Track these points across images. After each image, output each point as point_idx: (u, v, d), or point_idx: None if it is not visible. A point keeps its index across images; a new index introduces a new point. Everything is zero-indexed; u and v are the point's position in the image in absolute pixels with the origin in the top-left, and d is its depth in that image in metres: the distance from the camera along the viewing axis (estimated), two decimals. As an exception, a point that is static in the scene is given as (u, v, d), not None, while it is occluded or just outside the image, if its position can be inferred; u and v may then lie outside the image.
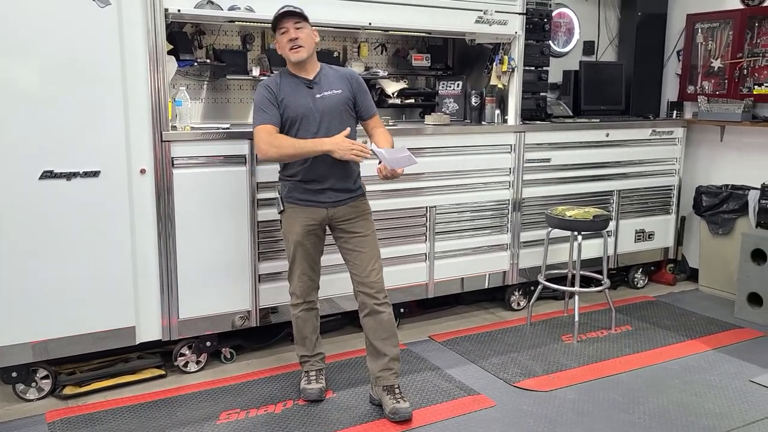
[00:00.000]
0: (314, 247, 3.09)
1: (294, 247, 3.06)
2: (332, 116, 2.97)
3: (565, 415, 3.08)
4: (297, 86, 2.98)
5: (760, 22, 4.61)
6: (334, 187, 3.00)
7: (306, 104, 2.95)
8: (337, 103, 2.99)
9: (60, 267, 3.06)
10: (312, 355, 3.25)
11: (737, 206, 4.68)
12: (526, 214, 4.38)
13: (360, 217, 3.07)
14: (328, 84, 3.01)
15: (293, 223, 3.04)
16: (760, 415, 3.10)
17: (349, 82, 3.05)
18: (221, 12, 3.31)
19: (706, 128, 5.03)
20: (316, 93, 2.98)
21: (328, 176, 2.98)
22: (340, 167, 2.97)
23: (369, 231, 3.08)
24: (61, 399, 3.17)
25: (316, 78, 3.01)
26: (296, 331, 3.20)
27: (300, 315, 3.16)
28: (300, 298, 3.14)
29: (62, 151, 2.99)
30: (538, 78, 4.41)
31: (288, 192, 3.05)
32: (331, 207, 3.02)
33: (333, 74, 3.06)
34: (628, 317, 4.37)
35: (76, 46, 2.96)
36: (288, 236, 3.09)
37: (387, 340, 3.05)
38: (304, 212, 3.02)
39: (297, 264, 3.09)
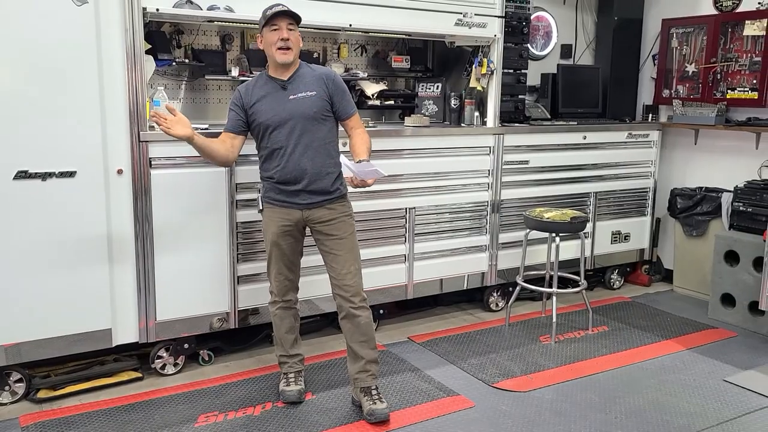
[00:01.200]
0: (290, 248, 3.08)
1: (270, 246, 3.07)
2: (305, 118, 2.95)
3: (543, 415, 3.11)
4: (271, 89, 2.98)
5: (733, 28, 4.69)
6: (307, 188, 2.98)
7: (277, 107, 2.95)
8: (310, 105, 2.96)
9: (34, 268, 3.01)
10: (289, 355, 3.24)
11: (711, 208, 4.75)
12: (504, 216, 4.41)
13: (337, 220, 3.04)
14: (303, 85, 2.98)
15: (270, 223, 3.06)
16: (733, 413, 3.16)
17: (325, 82, 3.02)
18: (200, 12, 3.28)
19: (681, 131, 5.10)
20: (290, 94, 2.97)
21: (300, 177, 2.96)
22: (312, 167, 2.96)
23: (346, 233, 3.06)
24: (35, 403, 3.12)
25: (291, 78, 2.99)
26: (274, 329, 3.22)
27: (277, 313, 3.17)
28: (277, 296, 3.15)
29: (37, 151, 2.94)
30: (517, 81, 4.44)
31: (266, 192, 3.07)
32: (306, 209, 3.01)
33: (309, 74, 3.03)
34: (605, 318, 4.42)
35: (52, 45, 2.91)
36: (265, 236, 3.10)
37: (364, 342, 3.05)
38: (279, 213, 3.03)
39: (273, 263, 3.10)
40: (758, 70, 4.53)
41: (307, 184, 2.97)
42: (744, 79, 4.63)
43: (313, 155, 2.97)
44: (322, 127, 2.99)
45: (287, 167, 2.95)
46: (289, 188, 2.99)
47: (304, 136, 2.95)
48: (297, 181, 2.96)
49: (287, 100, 2.95)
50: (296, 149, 2.94)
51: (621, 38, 5.24)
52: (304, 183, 2.97)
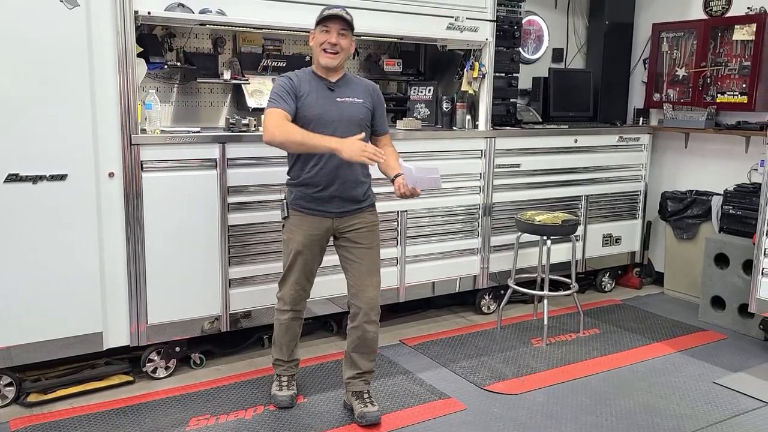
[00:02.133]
0: (314, 258, 3.02)
1: (293, 255, 2.97)
2: (350, 124, 2.88)
3: (535, 417, 3.12)
4: (318, 86, 2.91)
5: (722, 32, 4.73)
6: (341, 195, 2.91)
7: (325, 105, 2.87)
8: (357, 111, 2.92)
9: (25, 272, 3.00)
10: (287, 360, 3.20)
11: (701, 211, 4.78)
12: (496, 219, 4.42)
13: (366, 229, 2.99)
14: (351, 90, 2.94)
15: (296, 231, 2.96)
16: (723, 416, 3.17)
17: (371, 94, 2.99)
18: (192, 15, 3.29)
19: (671, 135, 5.13)
20: (337, 97, 2.91)
21: (333, 182, 2.89)
22: (348, 174, 2.89)
23: (373, 244, 3.01)
24: (25, 406, 3.10)
25: (339, 82, 2.94)
26: (276, 334, 3.15)
27: (284, 322, 3.09)
28: (288, 305, 3.07)
29: (28, 154, 2.93)
30: (508, 84, 4.46)
31: (294, 199, 2.97)
32: (337, 217, 2.94)
33: (356, 82, 3.00)
34: (596, 320, 4.44)
35: (44, 48, 2.91)
36: (288, 243, 3.00)
37: (365, 355, 3.05)
38: (308, 221, 2.94)
39: (293, 272, 3.00)
40: (747, 75, 4.56)
41: (341, 190, 2.90)
42: (733, 83, 4.67)
43: (351, 162, 2.81)
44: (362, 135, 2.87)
45: (324, 169, 2.87)
46: (321, 194, 2.90)
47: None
48: (331, 184, 2.89)
49: (335, 101, 2.90)
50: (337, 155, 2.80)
51: (612, 42, 5.27)
52: (337, 188, 2.90)
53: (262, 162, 3.50)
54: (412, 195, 2.84)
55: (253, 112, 3.74)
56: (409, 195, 2.83)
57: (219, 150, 3.36)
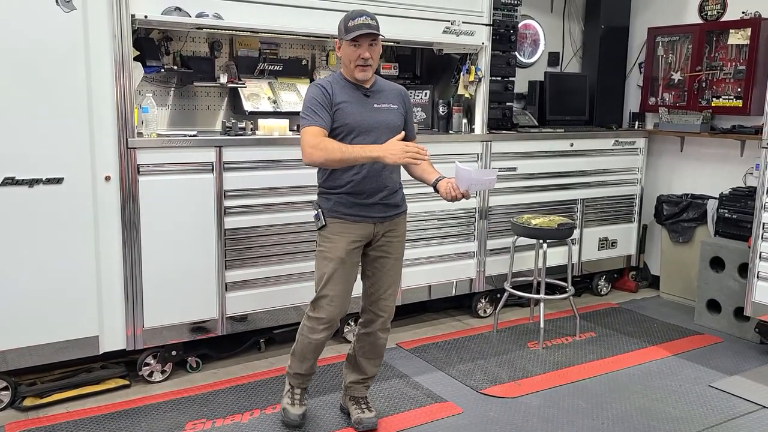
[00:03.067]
0: (353, 268, 2.86)
1: (335, 265, 2.78)
2: (390, 130, 2.78)
3: (531, 421, 3.12)
4: (354, 93, 2.80)
5: (717, 37, 4.75)
6: (384, 201, 2.83)
7: (365, 113, 2.77)
8: (394, 117, 2.84)
9: (21, 275, 2.99)
10: (304, 374, 3.00)
11: (697, 215, 4.80)
12: (492, 223, 4.43)
13: (397, 239, 2.93)
14: (385, 96, 2.86)
15: (337, 240, 2.79)
16: (719, 419, 3.18)
17: (403, 99, 2.92)
18: (189, 19, 3.29)
19: (667, 139, 5.15)
20: (374, 103, 2.82)
21: (379, 190, 2.80)
22: (389, 180, 2.83)
23: (400, 255, 2.96)
24: (21, 411, 3.09)
25: (373, 88, 2.85)
26: (300, 348, 2.93)
27: (318, 341, 2.87)
28: (327, 323, 2.83)
29: (24, 158, 2.93)
30: (505, 88, 4.48)
31: (333, 206, 2.82)
32: (379, 222, 2.84)
33: (388, 87, 2.91)
34: (592, 324, 4.45)
35: (40, 52, 2.90)
36: (327, 254, 2.80)
37: (373, 360, 3.02)
38: (351, 228, 2.80)
39: (335, 283, 2.79)
40: (742, 79, 4.58)
41: (384, 197, 2.83)
42: (729, 87, 4.69)
43: (392, 168, 2.83)
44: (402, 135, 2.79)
45: (368, 177, 2.77)
46: (365, 201, 2.79)
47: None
48: (376, 192, 2.80)
49: (373, 108, 2.81)
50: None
51: (608, 46, 5.29)
52: (382, 195, 2.82)
53: (258, 165, 3.50)
54: (463, 197, 2.75)
55: (249, 116, 3.75)
56: (460, 197, 2.74)
57: (215, 153, 3.36)
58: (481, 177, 2.70)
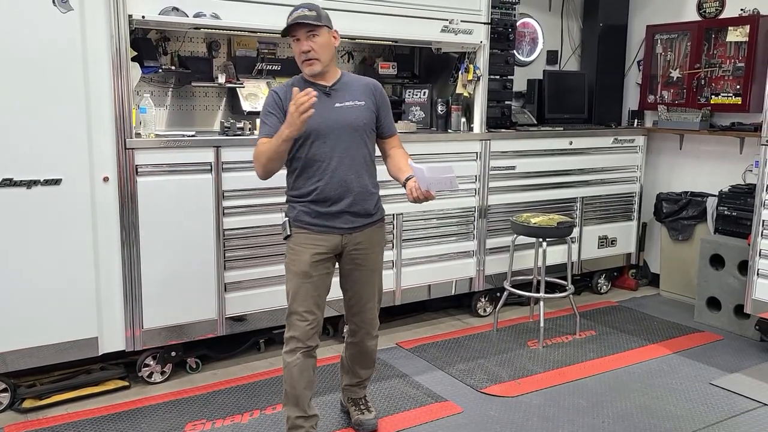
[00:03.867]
0: (322, 281, 2.66)
1: (299, 279, 2.61)
2: (353, 131, 2.62)
3: (531, 420, 3.12)
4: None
5: (716, 34, 4.74)
6: (351, 209, 2.63)
7: (321, 115, 2.53)
8: (359, 116, 2.64)
9: (19, 277, 2.99)
10: (307, 416, 2.69)
11: (696, 213, 4.80)
12: (491, 221, 4.42)
13: (372, 251, 2.74)
14: (350, 93, 2.66)
15: (301, 251, 2.62)
16: (720, 417, 3.18)
17: (374, 93, 2.71)
18: (186, 19, 3.28)
19: (666, 136, 5.14)
20: (336, 102, 2.63)
21: (344, 194, 2.61)
22: (357, 186, 2.63)
23: (377, 265, 2.80)
24: (20, 412, 3.09)
25: (336, 85, 2.66)
26: (288, 385, 2.66)
27: (297, 363, 2.61)
28: (300, 342, 2.62)
29: (22, 159, 2.93)
30: (503, 87, 4.47)
31: (297, 215, 2.65)
32: (347, 234, 2.65)
33: (355, 83, 2.72)
34: (592, 322, 4.44)
35: (38, 52, 2.90)
36: (292, 267, 2.65)
37: (366, 366, 2.96)
38: (314, 239, 2.62)
39: (300, 300, 2.61)
40: (741, 76, 4.57)
41: (350, 204, 2.62)
42: (728, 84, 4.68)
43: (359, 172, 2.63)
44: (368, 142, 2.68)
45: (331, 183, 2.59)
46: (329, 209, 2.61)
47: (351, 150, 2.61)
48: (340, 198, 2.61)
49: (333, 107, 2.61)
50: (342, 163, 2.59)
51: (606, 44, 5.28)
52: (348, 202, 2.61)
53: (257, 166, 3.49)
54: (426, 199, 2.53)
55: (248, 116, 3.74)
56: (423, 199, 2.53)
57: (214, 154, 3.36)
58: (436, 175, 2.45)
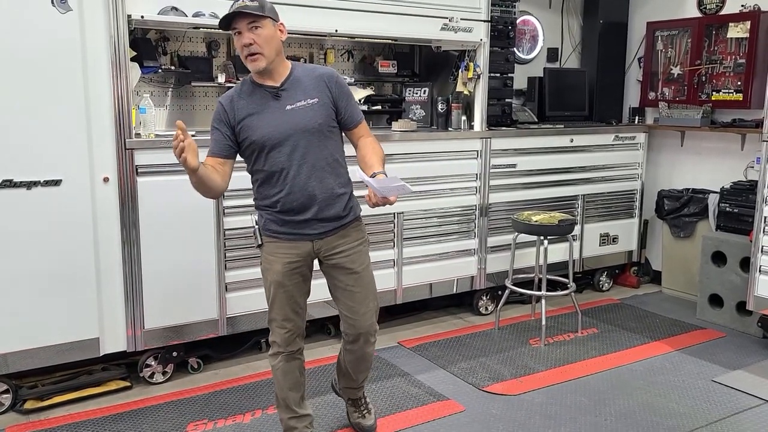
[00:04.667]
0: (297, 288, 2.57)
1: (274, 288, 2.55)
2: (309, 133, 2.45)
3: (534, 418, 3.11)
4: (261, 99, 2.47)
5: (717, 30, 4.73)
6: (318, 216, 2.51)
7: (272, 121, 2.43)
8: (313, 116, 2.47)
9: (20, 278, 2.99)
10: (299, 416, 2.69)
11: (698, 210, 4.79)
12: (492, 220, 4.42)
13: (352, 250, 2.59)
14: (301, 91, 2.48)
15: (273, 261, 2.54)
16: (722, 414, 3.17)
17: (327, 85, 2.51)
18: (185, 18, 3.28)
19: (667, 133, 5.13)
20: (286, 104, 2.46)
21: (308, 205, 2.49)
22: (321, 191, 2.49)
23: (363, 265, 2.63)
24: (22, 413, 3.09)
25: (285, 84, 2.48)
26: (277, 388, 2.67)
27: (279, 367, 2.61)
28: (280, 347, 2.60)
29: (22, 160, 2.92)
30: (504, 84, 4.47)
31: (265, 224, 2.56)
32: (317, 239, 2.54)
33: (306, 77, 2.52)
34: (594, 320, 4.44)
35: (37, 53, 2.90)
36: (266, 275, 2.58)
37: (363, 370, 2.84)
38: (284, 247, 2.53)
39: (277, 309, 2.57)
40: (742, 72, 4.56)
41: (317, 212, 2.50)
42: (729, 80, 4.67)
43: (321, 176, 2.49)
44: (328, 141, 2.51)
45: (292, 193, 2.47)
46: (295, 218, 2.50)
47: (309, 155, 2.46)
48: (305, 209, 2.49)
49: (284, 111, 2.45)
50: (301, 171, 2.45)
51: (606, 41, 5.27)
52: (314, 211, 2.49)
53: (257, 165, 3.49)
54: (385, 203, 2.40)
55: (248, 115, 3.73)
56: (382, 204, 2.40)
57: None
58: (385, 185, 2.37)
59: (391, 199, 2.40)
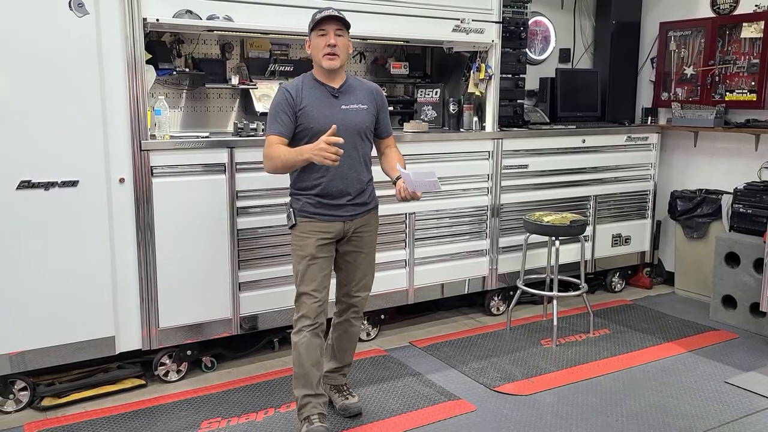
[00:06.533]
0: (327, 262, 2.89)
1: (307, 262, 2.82)
2: (356, 132, 2.82)
3: (545, 418, 3.12)
4: (322, 94, 2.82)
5: (730, 30, 4.71)
6: (352, 201, 2.87)
7: (330, 115, 2.77)
8: (363, 119, 2.86)
9: (38, 277, 3.03)
10: (315, 394, 2.85)
11: (711, 210, 4.76)
12: (504, 220, 4.42)
13: (369, 234, 2.98)
14: (355, 96, 2.87)
15: (307, 237, 2.83)
16: (735, 415, 3.16)
17: (375, 97, 2.93)
18: (200, 21, 3.31)
19: (680, 134, 5.11)
20: (342, 104, 2.83)
21: (346, 191, 2.84)
22: (356, 181, 2.85)
23: (372, 249, 3.02)
24: (39, 411, 3.14)
25: (342, 88, 2.86)
26: (296, 365, 2.83)
27: (305, 341, 2.79)
28: (309, 319, 2.81)
29: (40, 161, 2.97)
30: (515, 85, 4.47)
31: (302, 206, 2.86)
32: (348, 220, 2.88)
33: (359, 86, 2.92)
34: (606, 321, 4.43)
35: (54, 56, 2.94)
36: (299, 252, 2.85)
37: (348, 350, 3.12)
38: (319, 226, 2.84)
39: (308, 281, 2.82)
40: (756, 72, 4.54)
41: (351, 198, 2.86)
42: (742, 81, 4.65)
43: (359, 169, 2.86)
44: (366, 142, 2.91)
45: (334, 180, 2.80)
46: (333, 202, 2.83)
47: (352, 149, 2.80)
48: (342, 195, 2.83)
49: (340, 109, 2.81)
50: (345, 162, 2.73)
51: (619, 42, 5.26)
52: (350, 197, 2.85)
53: (270, 166, 3.52)
54: (412, 198, 2.80)
55: (261, 117, 3.76)
56: (410, 198, 2.80)
57: (227, 155, 3.39)
58: (421, 179, 2.73)
59: (418, 195, 2.79)
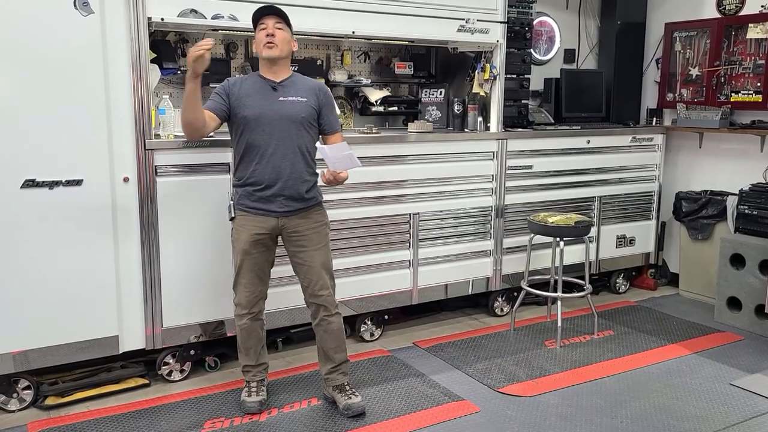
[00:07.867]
0: (262, 257, 3.03)
1: (240, 256, 3.00)
2: (291, 121, 2.94)
3: (549, 420, 3.11)
4: (261, 87, 2.97)
5: (736, 31, 4.70)
6: (283, 192, 2.93)
7: (265, 105, 2.92)
8: (299, 110, 2.96)
9: (42, 276, 3.03)
10: (255, 365, 3.18)
11: (716, 212, 4.75)
12: (508, 221, 4.41)
13: (312, 230, 3.03)
14: (295, 90, 2.99)
15: (242, 231, 2.99)
16: (740, 417, 3.15)
17: (317, 93, 3.03)
18: (205, 21, 3.31)
19: (685, 135, 5.10)
20: (280, 96, 2.96)
21: (276, 179, 2.92)
22: (290, 172, 2.93)
23: (320, 244, 3.05)
24: (43, 410, 3.14)
25: (284, 82, 2.99)
26: (240, 341, 3.14)
27: (245, 326, 3.09)
28: (245, 309, 3.07)
29: (44, 160, 2.97)
30: (520, 86, 4.46)
31: (239, 199, 3.01)
32: (282, 217, 2.97)
33: (302, 83, 3.04)
34: (611, 322, 4.42)
35: (59, 55, 2.94)
36: (235, 244, 3.04)
37: (336, 348, 3.12)
38: (253, 221, 2.97)
39: (243, 274, 3.03)
40: (762, 73, 4.53)
41: (282, 188, 2.93)
42: (748, 82, 4.64)
43: (293, 159, 2.94)
44: (305, 134, 2.98)
45: (266, 168, 2.92)
46: (264, 193, 2.94)
47: (286, 139, 2.93)
48: (273, 183, 2.93)
49: (276, 100, 2.95)
50: (277, 150, 2.91)
51: (624, 42, 5.25)
52: (280, 186, 2.93)
53: (274, 166, 3.51)
54: (336, 180, 2.95)
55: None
56: (333, 180, 2.94)
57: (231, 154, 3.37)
58: (336, 153, 2.88)
59: (342, 175, 2.95)
